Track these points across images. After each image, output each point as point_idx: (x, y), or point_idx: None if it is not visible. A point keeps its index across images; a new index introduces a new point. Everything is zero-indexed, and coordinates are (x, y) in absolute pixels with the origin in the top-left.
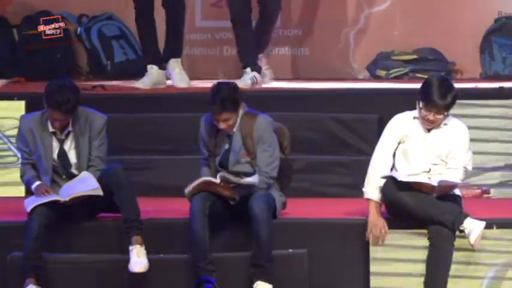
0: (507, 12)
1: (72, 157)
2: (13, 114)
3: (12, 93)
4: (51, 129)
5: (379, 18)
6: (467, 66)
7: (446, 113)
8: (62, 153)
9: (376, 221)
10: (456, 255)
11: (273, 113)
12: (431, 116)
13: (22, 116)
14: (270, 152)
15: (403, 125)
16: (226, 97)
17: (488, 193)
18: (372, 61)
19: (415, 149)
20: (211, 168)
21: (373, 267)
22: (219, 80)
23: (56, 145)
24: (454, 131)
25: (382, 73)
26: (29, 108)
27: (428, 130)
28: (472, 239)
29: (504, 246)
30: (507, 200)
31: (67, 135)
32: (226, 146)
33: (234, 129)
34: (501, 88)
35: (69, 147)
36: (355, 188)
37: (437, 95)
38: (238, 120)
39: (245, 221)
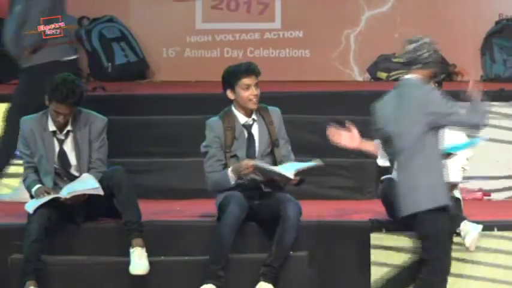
0: (508, 15)
1: (72, 158)
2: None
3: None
4: (51, 129)
5: (380, 21)
6: (468, 68)
7: None
8: (62, 154)
9: None
10: (457, 257)
11: None
12: None
13: (22, 118)
14: (287, 140)
15: None
16: (250, 63)
17: (489, 195)
18: (372, 63)
19: None
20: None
21: (373, 270)
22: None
23: (56, 145)
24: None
25: (383, 75)
26: None
27: None
28: (468, 241)
29: (505, 248)
30: (508, 202)
31: (66, 135)
32: (246, 136)
33: (252, 116)
34: (502, 90)
35: (69, 148)
36: (356, 191)
37: None
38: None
39: (261, 223)
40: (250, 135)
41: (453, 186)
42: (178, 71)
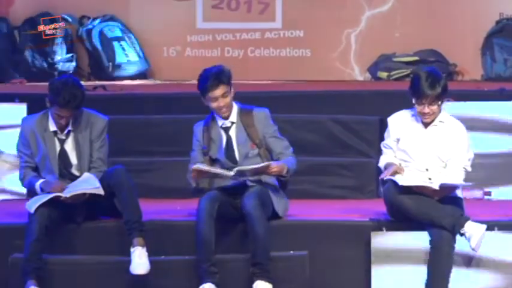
0: (508, 14)
1: (73, 158)
2: (14, 116)
3: (13, 95)
4: (52, 129)
5: (381, 20)
6: (469, 68)
7: (439, 103)
8: (63, 154)
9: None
10: (457, 258)
11: (273, 114)
12: (426, 109)
13: (23, 118)
14: (280, 138)
15: (400, 121)
16: (218, 71)
17: (490, 195)
18: (373, 63)
19: (413, 145)
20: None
21: (373, 270)
22: None
23: (57, 145)
24: (451, 129)
25: (384, 75)
26: (30, 110)
27: (425, 126)
28: (473, 242)
29: (505, 248)
30: (508, 202)
31: (67, 135)
32: (224, 139)
33: (230, 119)
34: (502, 90)
35: (70, 147)
36: (357, 190)
37: (426, 87)
38: (236, 112)
39: None
40: (229, 137)
41: (454, 187)
42: (179, 70)
